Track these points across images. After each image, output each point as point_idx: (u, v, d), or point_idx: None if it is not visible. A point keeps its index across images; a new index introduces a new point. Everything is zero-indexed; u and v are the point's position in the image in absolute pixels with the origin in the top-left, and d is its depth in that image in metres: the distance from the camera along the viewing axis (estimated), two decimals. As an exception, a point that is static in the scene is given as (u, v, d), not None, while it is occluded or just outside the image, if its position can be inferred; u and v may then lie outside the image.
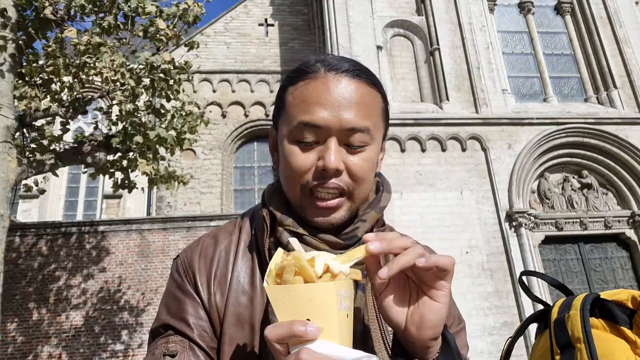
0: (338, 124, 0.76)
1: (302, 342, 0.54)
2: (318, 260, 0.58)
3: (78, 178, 21.25)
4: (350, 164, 0.78)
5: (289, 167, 0.80)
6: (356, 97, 0.78)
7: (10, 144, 6.49)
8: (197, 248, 0.90)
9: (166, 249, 10.76)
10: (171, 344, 0.79)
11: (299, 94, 0.80)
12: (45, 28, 7.05)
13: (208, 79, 15.72)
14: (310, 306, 0.55)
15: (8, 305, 9.58)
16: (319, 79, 0.79)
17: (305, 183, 0.79)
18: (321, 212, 0.79)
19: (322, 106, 0.77)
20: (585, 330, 0.76)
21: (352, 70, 0.80)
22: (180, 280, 0.86)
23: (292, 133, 0.79)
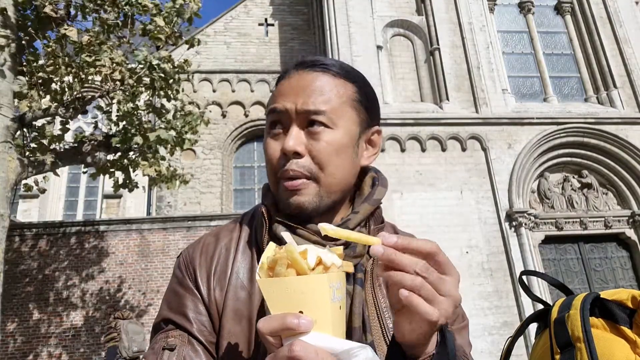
0: (294, 108, 0.81)
1: (295, 334, 0.54)
2: (310, 252, 0.58)
3: (78, 178, 21.26)
4: (312, 147, 0.81)
5: (266, 159, 0.86)
6: (313, 85, 0.82)
7: (10, 143, 6.49)
8: (199, 245, 0.92)
9: (166, 248, 10.76)
10: (170, 338, 0.80)
11: (275, 92, 0.87)
12: (45, 28, 7.04)
13: (208, 79, 15.73)
14: (303, 298, 0.55)
15: (8, 305, 9.58)
16: (288, 77, 0.86)
17: (276, 170, 0.83)
18: (288, 193, 0.81)
19: (283, 95, 0.83)
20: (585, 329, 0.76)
21: (319, 64, 0.85)
22: (181, 276, 0.88)
23: (267, 126, 0.86)
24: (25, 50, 7.00)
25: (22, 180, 7.04)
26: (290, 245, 0.57)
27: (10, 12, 6.55)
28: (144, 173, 7.26)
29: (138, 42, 7.68)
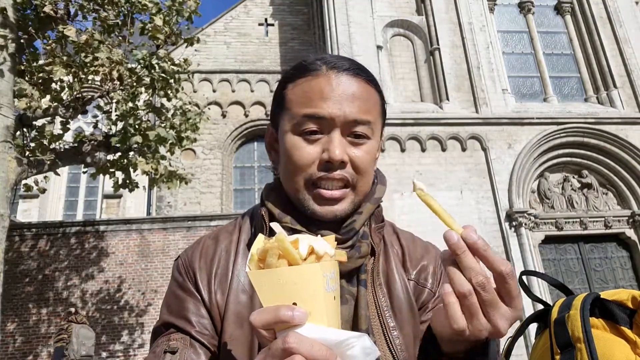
0: (342, 115, 0.79)
1: (289, 327, 0.52)
2: (302, 241, 0.56)
3: (78, 178, 21.26)
4: (353, 156, 0.80)
5: (293, 160, 0.81)
6: (357, 93, 0.81)
7: (10, 143, 6.49)
8: (198, 248, 0.91)
9: (166, 248, 10.76)
10: (172, 342, 0.79)
11: (300, 90, 0.82)
12: (45, 27, 7.04)
13: (208, 79, 15.72)
14: (296, 289, 0.53)
15: (8, 305, 9.58)
16: (320, 76, 0.82)
17: (310, 175, 0.80)
18: (327, 202, 0.80)
19: (326, 100, 0.79)
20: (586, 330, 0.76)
21: (352, 68, 0.83)
22: (181, 279, 0.87)
23: (296, 127, 0.81)
24: (25, 50, 7.00)
25: (22, 180, 7.04)
26: (281, 235, 0.55)
27: (10, 12, 6.54)
28: (141, 170, 7.24)
29: (138, 42, 7.68)
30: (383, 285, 0.86)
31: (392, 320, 0.82)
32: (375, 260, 0.87)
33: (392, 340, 0.80)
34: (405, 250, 0.94)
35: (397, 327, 0.82)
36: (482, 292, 0.56)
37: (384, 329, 0.81)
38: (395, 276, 0.88)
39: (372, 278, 0.85)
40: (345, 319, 0.79)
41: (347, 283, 0.82)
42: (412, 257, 0.93)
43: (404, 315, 0.84)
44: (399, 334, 0.82)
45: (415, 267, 0.92)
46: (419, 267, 0.92)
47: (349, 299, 0.81)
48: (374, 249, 0.87)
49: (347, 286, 0.82)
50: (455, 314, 0.56)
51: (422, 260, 0.93)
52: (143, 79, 7.25)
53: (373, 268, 0.86)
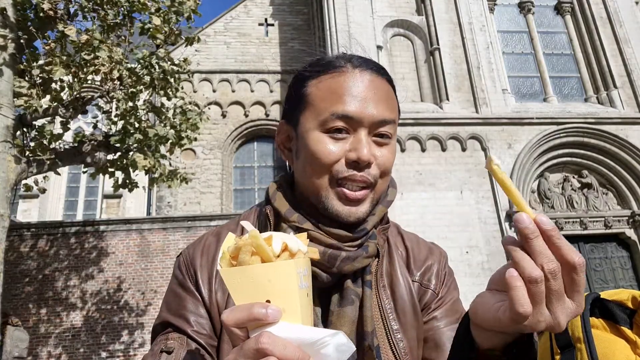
0: (370, 115, 0.78)
1: (263, 325, 0.51)
2: (275, 238, 0.54)
3: (78, 178, 21.26)
4: (379, 156, 0.80)
5: (317, 157, 0.79)
6: (383, 92, 0.82)
7: (11, 143, 6.49)
8: (200, 245, 0.90)
9: (166, 248, 10.76)
10: (170, 341, 0.79)
11: (325, 86, 0.81)
12: (45, 27, 7.04)
13: (208, 79, 15.72)
14: (270, 287, 0.52)
15: (8, 305, 9.58)
16: (346, 73, 0.81)
17: (335, 174, 0.79)
18: (351, 203, 0.79)
19: (354, 98, 0.78)
20: (586, 330, 0.76)
21: (375, 68, 0.84)
22: (181, 277, 0.87)
23: (321, 124, 0.79)
24: (25, 50, 7.00)
25: (22, 180, 7.04)
26: (255, 231, 0.53)
27: (9, 11, 6.54)
28: (140, 166, 7.22)
29: (138, 41, 7.67)
30: (387, 287, 0.85)
31: (396, 323, 0.82)
32: (379, 261, 0.87)
33: (395, 343, 0.80)
34: (410, 252, 0.93)
35: (400, 330, 0.81)
36: (552, 280, 0.52)
37: (388, 331, 0.80)
38: (399, 278, 0.87)
39: (376, 280, 0.85)
40: (351, 319, 0.78)
41: (352, 283, 0.81)
42: (417, 259, 0.92)
43: (408, 318, 0.84)
44: (403, 336, 0.81)
45: (419, 268, 0.91)
46: (423, 268, 0.91)
47: (355, 300, 0.80)
48: (379, 251, 0.86)
49: (353, 286, 0.81)
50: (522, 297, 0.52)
51: (426, 261, 0.92)
52: (143, 78, 7.25)
53: (377, 270, 0.86)
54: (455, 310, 0.90)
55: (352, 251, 0.80)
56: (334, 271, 0.79)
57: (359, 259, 0.80)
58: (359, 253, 0.80)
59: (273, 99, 15.67)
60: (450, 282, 0.94)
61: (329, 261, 0.78)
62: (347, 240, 0.80)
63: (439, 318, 0.87)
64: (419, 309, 0.86)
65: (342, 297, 0.80)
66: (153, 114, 7.95)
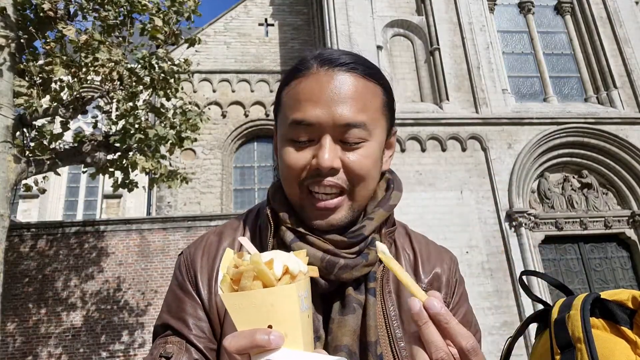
0: (331, 120, 0.73)
1: (265, 351, 0.51)
2: (276, 261, 0.54)
3: (78, 178, 21.26)
4: (348, 161, 0.75)
5: (285, 167, 0.78)
6: (349, 91, 0.75)
7: (11, 143, 6.49)
8: (201, 245, 0.89)
9: (166, 248, 10.76)
10: (169, 345, 0.79)
11: (292, 92, 0.78)
12: (45, 27, 7.04)
13: (208, 79, 15.72)
14: (272, 311, 0.52)
15: (8, 305, 9.58)
16: (311, 75, 0.77)
17: (301, 182, 0.77)
18: (320, 213, 0.77)
19: (314, 103, 0.74)
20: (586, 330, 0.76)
21: (347, 63, 0.77)
22: (181, 278, 0.86)
23: (286, 133, 0.77)
24: (25, 50, 7.00)
25: (22, 180, 7.04)
26: (257, 256, 0.53)
27: (9, 11, 6.54)
28: (140, 168, 7.23)
29: (137, 42, 7.67)
30: (392, 293, 0.83)
31: (400, 330, 0.79)
32: (385, 267, 0.83)
33: (398, 352, 0.77)
34: (418, 256, 0.90)
35: (404, 338, 0.79)
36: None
37: (391, 339, 0.78)
38: None
39: (382, 285, 0.82)
40: (353, 329, 0.76)
41: (354, 291, 0.79)
42: (425, 264, 0.89)
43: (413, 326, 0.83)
44: (407, 345, 0.78)
45: (427, 274, 0.88)
46: (431, 274, 0.88)
47: (357, 308, 0.78)
48: None
49: (355, 294, 0.79)
50: None
51: (434, 267, 0.89)
52: (143, 78, 7.25)
53: (383, 275, 0.83)
54: (465, 322, 0.87)
55: (350, 259, 0.78)
56: (332, 278, 0.77)
57: (357, 267, 0.78)
58: (358, 261, 0.78)
59: (273, 98, 15.61)
60: (462, 291, 0.91)
61: (327, 268, 0.76)
62: (342, 246, 0.78)
63: None
64: None
65: (344, 305, 0.78)
66: (153, 114, 7.95)
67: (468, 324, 0.87)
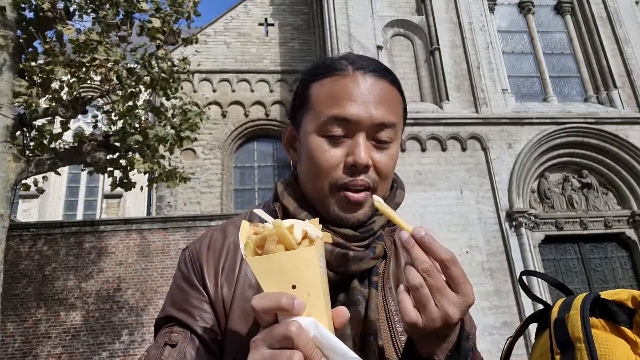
0: (369, 118, 0.78)
1: (290, 314, 0.55)
2: (296, 227, 0.58)
3: (78, 178, 21.27)
4: (377, 160, 0.80)
5: (316, 163, 0.80)
6: (383, 95, 0.81)
7: (11, 143, 6.49)
8: (206, 240, 0.91)
9: (166, 248, 10.75)
10: (174, 334, 0.80)
11: (326, 89, 0.81)
12: (44, 27, 7.04)
13: (208, 79, 15.72)
14: (296, 273, 0.56)
15: (8, 305, 9.58)
16: (347, 76, 0.81)
17: (335, 180, 0.80)
18: (351, 207, 0.80)
19: (353, 101, 0.79)
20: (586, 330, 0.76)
21: (378, 70, 0.83)
22: (186, 271, 0.87)
23: (320, 128, 0.80)
24: (25, 49, 7.00)
25: (22, 180, 7.04)
26: (279, 221, 0.57)
27: (9, 11, 6.54)
28: (138, 170, 7.24)
29: (137, 42, 7.67)
30: (393, 289, 0.85)
31: (401, 325, 0.82)
32: (386, 263, 0.87)
33: (399, 346, 0.80)
34: None
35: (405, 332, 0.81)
36: (428, 278, 0.60)
37: (392, 333, 0.81)
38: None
39: (383, 281, 0.85)
40: (356, 320, 0.79)
41: (359, 284, 0.82)
42: None
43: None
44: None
45: None
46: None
47: (361, 300, 0.81)
48: (386, 252, 0.87)
49: (360, 287, 0.82)
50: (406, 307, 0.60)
51: None
52: (142, 78, 7.25)
53: (384, 271, 0.86)
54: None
55: (359, 252, 0.81)
56: (341, 270, 0.80)
57: (365, 259, 0.81)
58: (367, 254, 0.81)
59: (273, 98, 15.67)
60: None
61: (337, 260, 0.79)
62: (354, 240, 0.81)
63: None
64: None
65: (348, 296, 0.81)
66: (152, 114, 7.95)
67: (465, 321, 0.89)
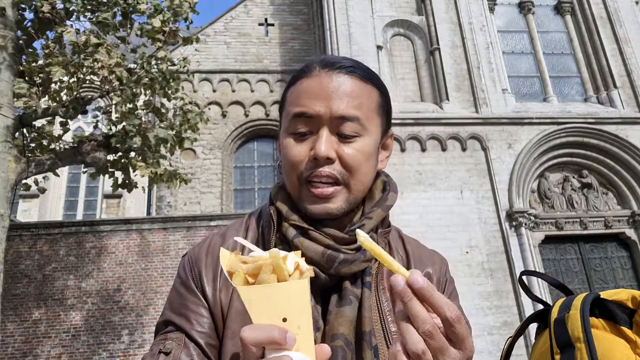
0: (328, 112, 0.80)
1: (280, 348, 0.53)
2: (289, 258, 0.57)
3: (78, 178, 21.26)
4: (343, 153, 0.80)
5: (285, 160, 0.84)
6: (347, 89, 0.81)
7: (11, 143, 6.49)
8: (205, 245, 0.92)
9: (166, 248, 10.75)
10: (168, 341, 0.81)
11: (295, 91, 0.85)
12: (44, 28, 7.04)
13: (208, 79, 15.72)
14: (287, 305, 0.55)
15: (8, 305, 9.58)
16: (313, 76, 0.83)
17: (300, 173, 0.82)
18: (317, 200, 0.81)
19: (313, 98, 0.81)
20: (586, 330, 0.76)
21: (346, 66, 0.84)
22: (185, 277, 0.89)
23: (289, 127, 0.84)
24: (25, 50, 7.00)
25: (22, 180, 7.04)
26: (275, 251, 0.56)
27: (9, 11, 6.54)
28: (142, 174, 7.26)
29: (137, 42, 7.67)
30: (387, 290, 0.86)
31: (394, 325, 0.82)
32: (380, 264, 0.87)
33: None
34: (411, 257, 0.94)
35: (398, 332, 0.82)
36: (430, 340, 0.54)
37: (386, 333, 0.81)
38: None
39: (376, 282, 0.86)
40: (350, 319, 0.79)
41: (351, 285, 0.83)
42: (417, 264, 0.93)
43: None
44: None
45: None
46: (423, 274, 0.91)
47: (353, 300, 0.81)
48: None
49: (351, 287, 0.82)
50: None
51: (426, 267, 0.94)
52: (142, 79, 7.25)
53: (378, 272, 0.87)
54: None
55: (350, 254, 0.81)
56: (332, 273, 0.81)
57: (356, 262, 0.81)
58: (357, 257, 0.82)
59: (273, 98, 15.67)
60: (452, 289, 0.96)
61: (327, 262, 0.80)
62: (343, 242, 0.82)
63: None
64: None
65: (341, 297, 0.82)
66: (153, 114, 7.95)
67: None
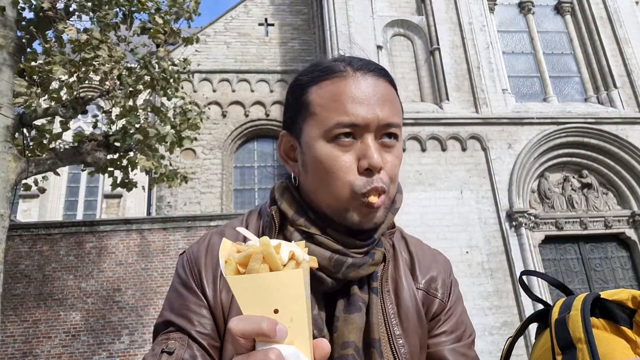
0: (376, 120, 0.76)
1: (270, 341, 0.51)
2: (283, 247, 0.54)
3: (78, 178, 21.27)
4: (386, 161, 0.78)
5: (329, 171, 0.77)
6: (386, 95, 0.79)
7: (10, 143, 6.49)
8: (204, 244, 0.89)
9: (166, 248, 10.75)
10: (171, 341, 0.79)
11: (326, 93, 0.78)
12: (44, 27, 7.04)
13: (208, 79, 15.72)
14: (279, 295, 0.52)
15: (8, 305, 9.58)
16: (348, 77, 0.79)
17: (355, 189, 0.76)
18: (369, 211, 0.78)
19: (359, 104, 0.76)
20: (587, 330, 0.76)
21: (377, 70, 0.81)
22: (184, 276, 0.86)
23: (327, 133, 0.77)
24: (25, 49, 7.00)
25: (22, 180, 7.04)
26: (266, 239, 0.53)
27: (9, 11, 6.54)
28: (141, 167, 7.23)
29: (138, 41, 7.67)
30: (391, 292, 0.85)
31: (399, 328, 0.82)
32: (385, 266, 0.86)
33: (397, 349, 0.79)
34: (414, 258, 0.93)
35: (402, 335, 0.81)
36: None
37: (390, 336, 0.80)
38: (403, 283, 0.87)
39: (381, 284, 0.85)
40: (359, 326, 0.78)
41: (359, 290, 0.81)
42: (421, 265, 0.92)
43: (411, 324, 0.84)
44: (405, 342, 0.81)
45: (424, 275, 0.91)
46: (428, 276, 0.91)
47: (362, 307, 0.80)
48: (385, 256, 0.86)
49: (360, 293, 0.81)
50: None
51: (430, 269, 0.92)
52: (142, 77, 7.25)
53: (382, 274, 0.86)
54: (461, 322, 0.90)
55: (358, 258, 0.80)
56: (339, 277, 0.79)
57: (364, 266, 0.80)
58: (365, 260, 0.80)
59: (273, 98, 15.67)
60: (457, 292, 0.95)
61: (335, 267, 0.78)
62: (353, 247, 0.80)
63: (448, 332, 0.88)
64: (423, 316, 0.86)
65: (349, 303, 0.80)
66: (153, 113, 7.95)
67: (463, 324, 0.90)
